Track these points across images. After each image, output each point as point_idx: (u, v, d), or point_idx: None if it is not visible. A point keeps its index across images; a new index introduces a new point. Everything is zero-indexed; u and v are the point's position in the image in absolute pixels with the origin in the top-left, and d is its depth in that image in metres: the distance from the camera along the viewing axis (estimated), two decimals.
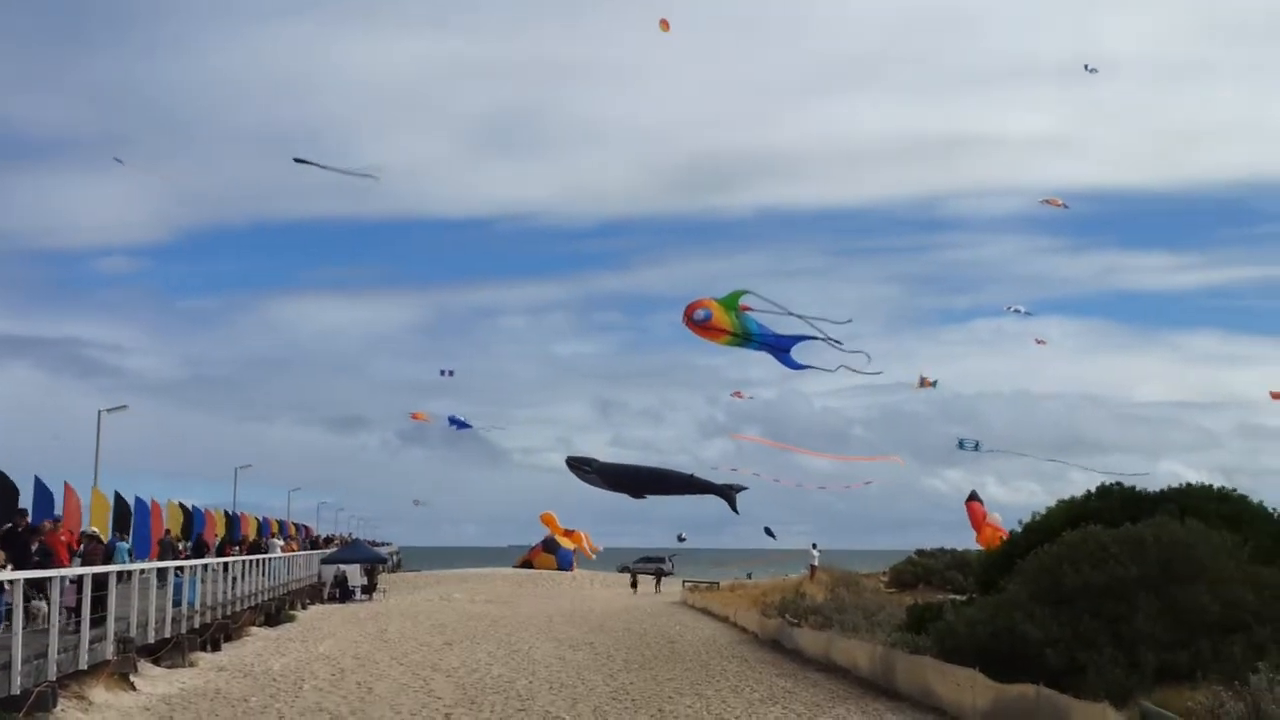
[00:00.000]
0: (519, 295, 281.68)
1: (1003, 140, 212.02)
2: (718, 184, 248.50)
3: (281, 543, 58.19)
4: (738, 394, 65.08)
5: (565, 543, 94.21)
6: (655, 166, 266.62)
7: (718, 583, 66.90)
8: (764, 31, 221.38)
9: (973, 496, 57.42)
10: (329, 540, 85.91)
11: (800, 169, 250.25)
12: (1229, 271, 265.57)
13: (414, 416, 72.21)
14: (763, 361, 31.41)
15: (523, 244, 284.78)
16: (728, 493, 37.81)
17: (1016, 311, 58.83)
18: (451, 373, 70.53)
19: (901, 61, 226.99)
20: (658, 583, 73.32)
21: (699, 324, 29.23)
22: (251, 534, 58.81)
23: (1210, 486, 26.48)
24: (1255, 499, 26.14)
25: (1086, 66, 48.14)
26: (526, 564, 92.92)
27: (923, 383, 52.99)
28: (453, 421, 64.34)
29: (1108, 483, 27.47)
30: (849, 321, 28.74)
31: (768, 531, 51.74)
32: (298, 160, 32.07)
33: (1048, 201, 50.50)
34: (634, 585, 72.14)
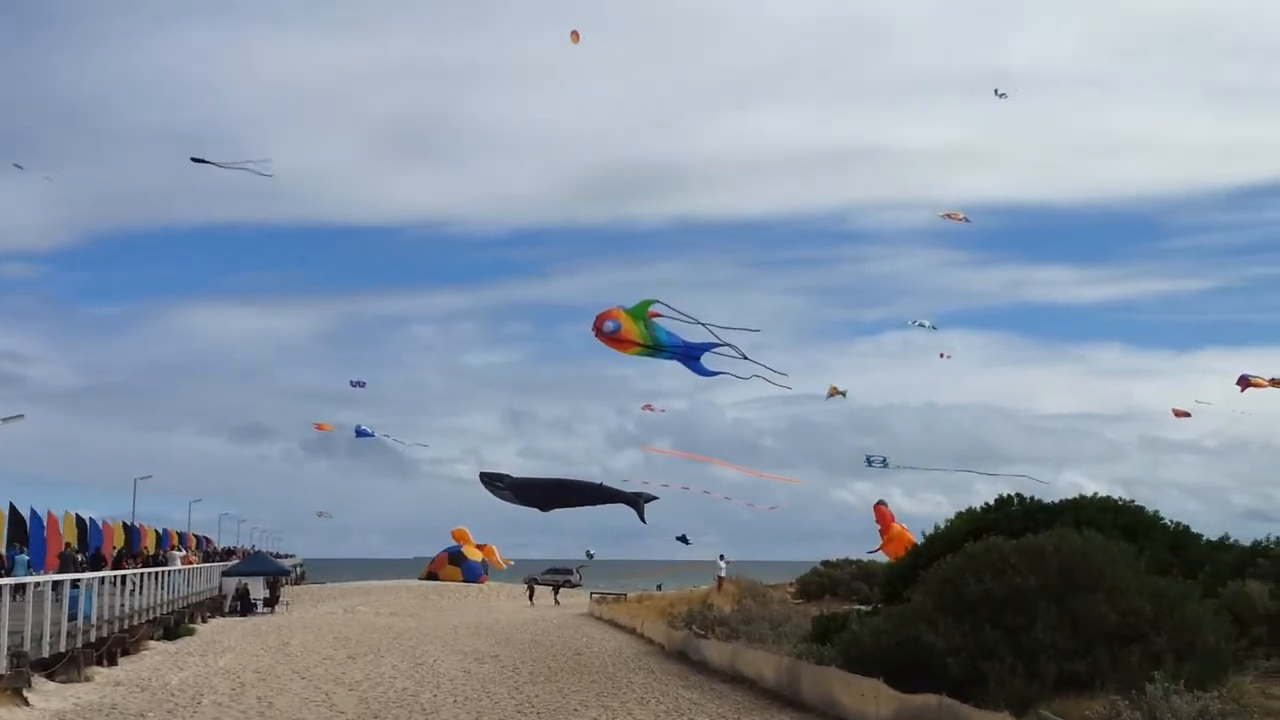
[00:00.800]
0: (428, 304, 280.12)
1: (912, 153, 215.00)
2: (631, 193, 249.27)
3: (181, 555, 57.23)
4: (648, 407, 65.19)
5: (472, 554, 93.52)
6: (568, 175, 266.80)
7: (625, 594, 66.90)
8: (678, 41, 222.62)
9: (880, 504, 57.97)
10: (230, 552, 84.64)
11: (713, 179, 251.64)
12: (1133, 286, 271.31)
13: (318, 427, 71.43)
14: (674, 372, 31.57)
15: (432, 252, 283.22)
16: (637, 502, 37.89)
17: (921, 326, 59.55)
18: (363, 384, 69.89)
19: (813, 73, 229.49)
20: (555, 594, 73.17)
21: (608, 335, 29.22)
22: (151, 546, 57.80)
23: (1108, 497, 26.98)
24: (1154, 510, 26.68)
25: (996, 91, 48.53)
26: (432, 576, 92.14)
27: (832, 392, 53.42)
28: (359, 432, 63.72)
29: (1008, 494, 27.86)
30: (758, 331, 28.88)
31: (682, 539, 51.82)
32: (195, 160, 31.62)
33: (948, 216, 51.09)
34: (531, 597, 71.85)
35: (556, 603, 69.92)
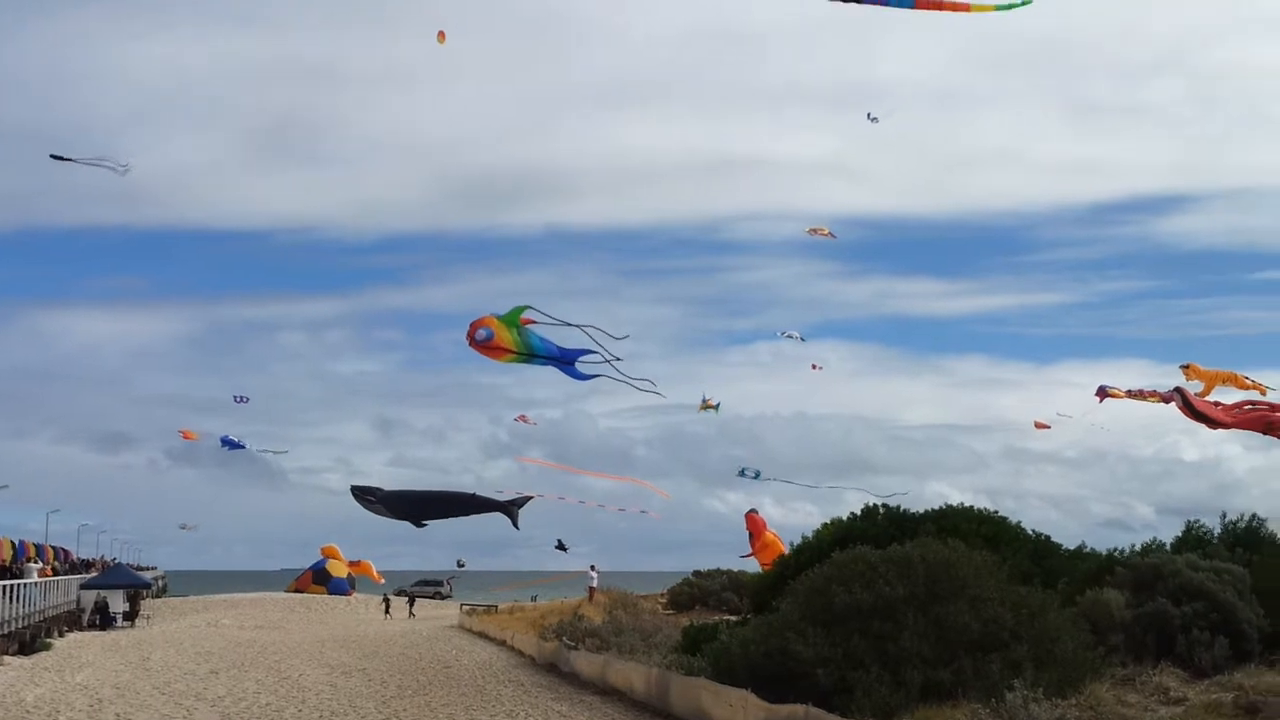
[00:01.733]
0: (297, 310, 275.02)
1: (783, 164, 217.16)
2: (503, 200, 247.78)
3: (38, 567, 55.48)
4: (523, 418, 64.95)
5: (338, 571, 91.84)
6: (440, 181, 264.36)
7: (495, 605, 66.45)
8: (552, 48, 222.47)
9: (752, 512, 58.34)
10: (89, 564, 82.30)
11: (585, 187, 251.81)
12: (996, 299, 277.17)
13: (184, 435, 69.67)
14: (548, 381, 31.50)
15: (301, 257, 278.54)
16: (510, 509, 37.66)
17: (790, 337, 60.11)
18: (246, 399, 68.33)
19: (686, 83, 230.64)
20: (411, 606, 71.90)
21: (481, 343, 28.96)
22: (6, 558, 55.93)
23: (971, 508, 27.53)
24: (1017, 519, 27.29)
25: (869, 115, 48.83)
26: (298, 592, 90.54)
27: (704, 404, 53.73)
28: (225, 442, 62.37)
29: (875, 504, 28.29)
30: (626, 337, 28.83)
31: (559, 545, 51.67)
32: (54, 157, 30.65)
33: (814, 231, 51.60)
34: (386, 610, 70.64)
35: (411, 615, 68.91)
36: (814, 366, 68.17)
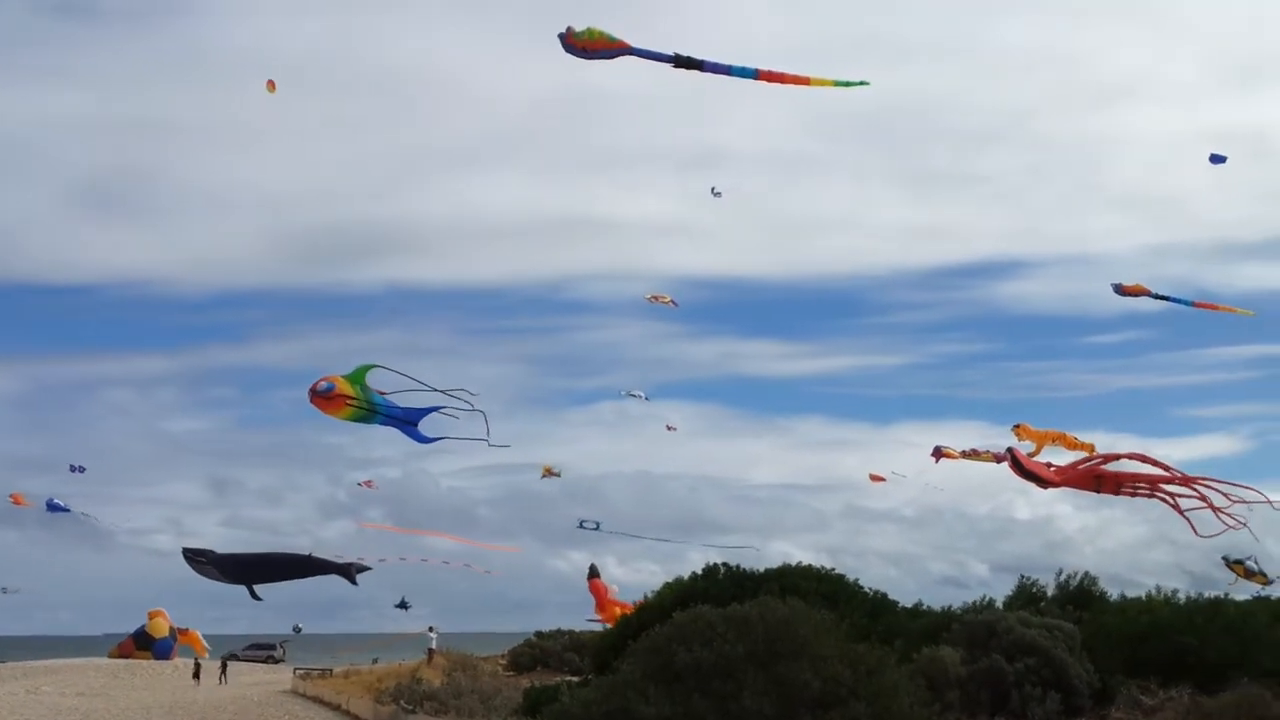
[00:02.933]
0: (126, 368, 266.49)
1: (628, 225, 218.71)
2: (345, 258, 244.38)
3: None
4: (368, 483, 63.85)
5: (158, 631, 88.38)
6: (279, 237, 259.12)
7: (331, 669, 64.72)
8: (398, 106, 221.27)
9: (593, 573, 58.06)
10: None
11: (430, 246, 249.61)
12: (836, 360, 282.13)
13: (14, 500, 66.46)
14: (387, 441, 30.82)
15: (130, 313, 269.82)
16: (347, 570, 36.92)
17: (633, 396, 60.26)
18: (83, 469, 65.79)
19: (533, 143, 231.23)
20: (223, 672, 68.06)
21: (322, 395, 28.31)
22: None
23: (810, 566, 27.78)
24: (856, 577, 27.60)
25: (713, 190, 49.32)
26: (122, 657, 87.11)
27: (545, 472, 53.44)
28: (50, 506, 60.01)
29: (715, 563, 28.38)
30: (477, 395, 28.46)
31: (402, 604, 50.83)
32: None
33: (655, 298, 52.00)
34: (196, 676, 66.37)
35: (222, 681, 65.09)
36: (669, 428, 68.48)
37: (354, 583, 36.75)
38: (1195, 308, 39.77)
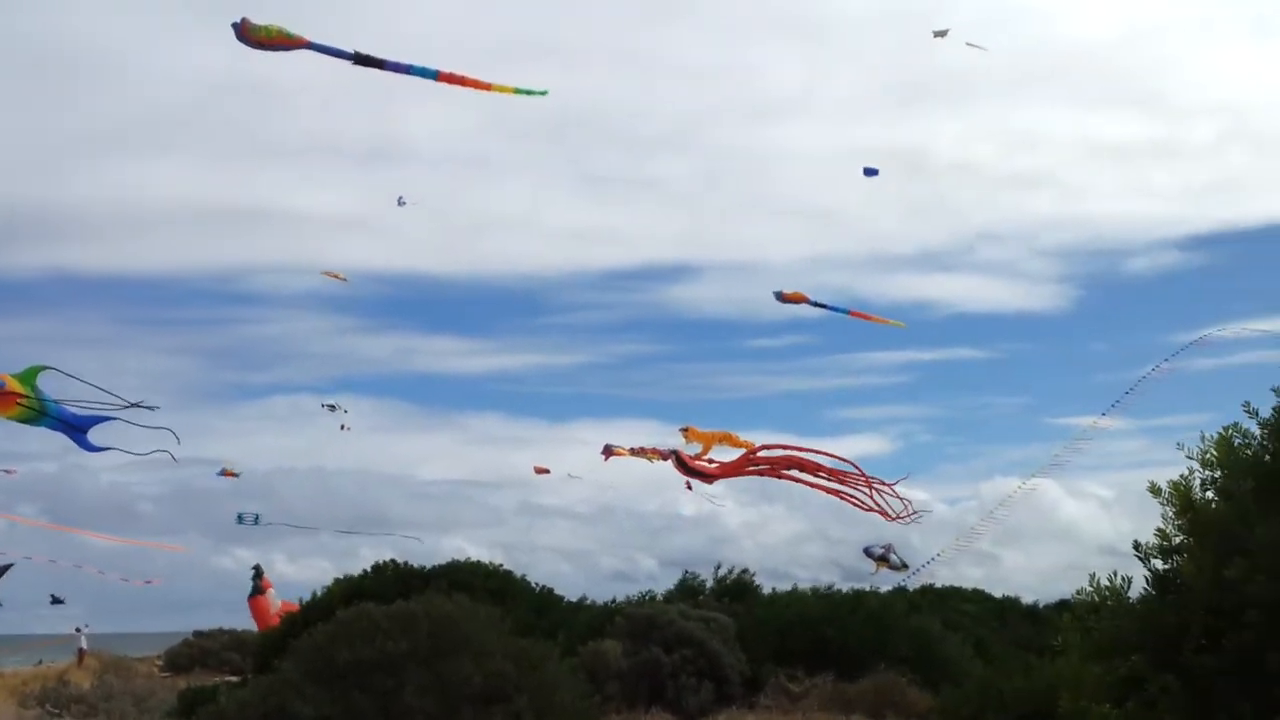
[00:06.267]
0: None
1: (305, 217, 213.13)
2: (1, 242, 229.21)
3: None
4: (10, 471, 59.97)
5: None
6: None
7: None
8: (60, 86, 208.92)
9: (257, 572, 56.18)
10: None
11: (92, 231, 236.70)
12: (512, 358, 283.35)
13: None
14: (41, 432, 29.00)
15: None
16: None
17: (330, 408, 58.21)
18: None
19: (205, 129, 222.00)
20: None
21: None
22: None
23: (479, 563, 28.03)
24: (525, 574, 28.01)
25: (400, 200, 48.59)
26: None
27: (226, 472, 51.41)
28: None
29: (386, 560, 28.27)
30: (157, 409, 27.24)
31: (54, 599, 48.08)
32: None
33: (329, 274, 51.01)
34: None
35: None
36: (343, 427, 66.92)
37: None
38: (851, 317, 41.86)
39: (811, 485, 35.05)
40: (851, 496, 34.45)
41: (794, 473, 35.26)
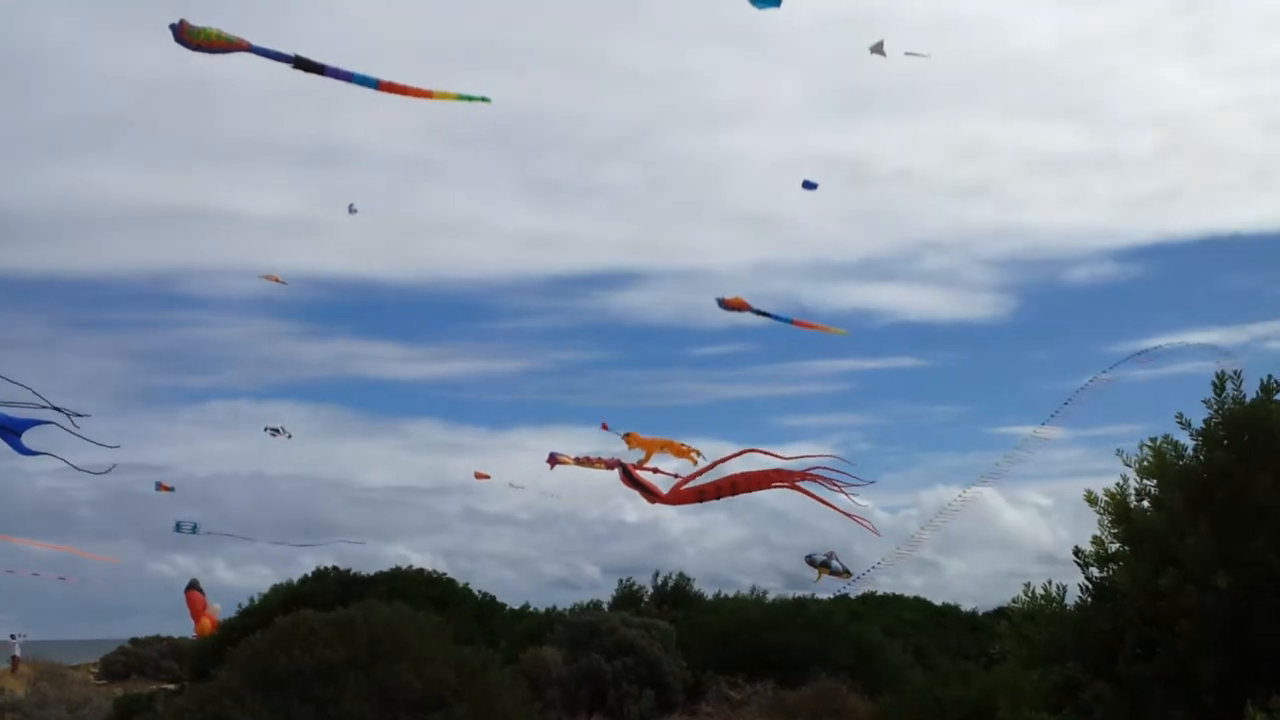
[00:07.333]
0: None
1: (243, 219, 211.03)
2: None
3: None
4: None
5: None
6: None
7: None
8: None
9: (192, 585, 55.65)
10: None
11: (25, 233, 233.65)
12: (453, 365, 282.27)
13: None
14: None
15: None
16: None
17: (273, 432, 57.37)
18: None
19: (143, 130, 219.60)
20: None
21: None
22: None
23: (421, 570, 27.93)
24: (472, 580, 27.95)
25: (350, 208, 48.08)
26: None
27: (161, 487, 50.48)
28: None
29: (327, 566, 28.11)
30: (88, 416, 26.87)
31: None
32: None
33: (267, 277, 50.46)
34: None
35: None
36: (275, 431, 66.10)
37: None
38: (794, 325, 41.82)
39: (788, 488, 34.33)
40: (832, 503, 33.85)
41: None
